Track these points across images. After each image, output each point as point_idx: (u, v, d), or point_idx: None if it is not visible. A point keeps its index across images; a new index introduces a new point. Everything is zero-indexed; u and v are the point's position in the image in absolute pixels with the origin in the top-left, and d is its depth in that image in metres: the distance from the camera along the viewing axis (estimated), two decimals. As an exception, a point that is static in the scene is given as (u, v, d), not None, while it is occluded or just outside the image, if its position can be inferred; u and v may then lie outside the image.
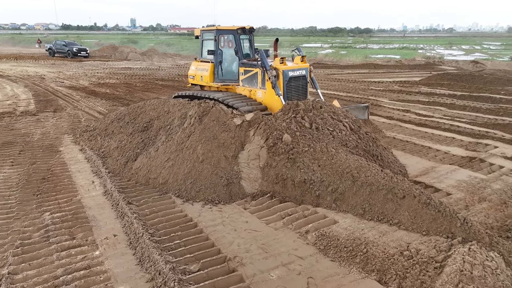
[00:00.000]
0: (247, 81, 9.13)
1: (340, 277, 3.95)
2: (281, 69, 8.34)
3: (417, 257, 4.03)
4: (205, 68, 9.81)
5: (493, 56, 42.06)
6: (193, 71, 10.31)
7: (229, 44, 9.67)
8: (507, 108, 12.29)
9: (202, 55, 10.15)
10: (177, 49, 53.06)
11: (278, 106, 8.16)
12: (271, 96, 8.50)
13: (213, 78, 9.75)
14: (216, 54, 9.49)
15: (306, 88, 8.95)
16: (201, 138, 6.41)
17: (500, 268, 3.79)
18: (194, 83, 10.48)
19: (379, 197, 5.09)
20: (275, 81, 8.25)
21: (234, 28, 9.38)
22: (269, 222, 5.08)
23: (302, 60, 8.93)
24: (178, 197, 5.84)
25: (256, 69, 8.76)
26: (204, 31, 10.06)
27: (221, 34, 9.51)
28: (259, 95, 8.85)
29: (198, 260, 4.18)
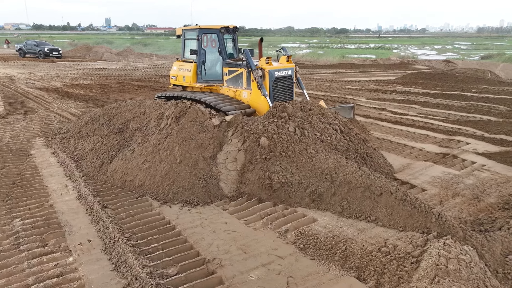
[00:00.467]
0: (232, 81, 8.89)
1: (320, 275, 3.96)
2: (267, 69, 8.14)
3: (395, 253, 4.08)
4: (188, 68, 9.57)
5: (464, 56, 43.48)
6: (175, 72, 10.02)
7: (213, 43, 9.44)
8: (478, 106, 12.70)
9: (184, 55, 9.90)
10: (153, 49, 52.31)
11: (265, 107, 8.04)
12: (257, 97, 8.30)
13: (196, 78, 9.52)
14: (199, 54, 9.26)
15: (292, 88, 8.80)
16: (179, 139, 6.31)
17: (474, 261, 3.88)
18: (176, 84, 10.21)
19: (357, 194, 5.14)
20: (261, 82, 8.07)
21: (218, 27, 9.14)
22: (248, 222, 5.04)
23: (288, 60, 8.76)
24: (156, 200, 5.72)
25: (241, 69, 8.54)
26: (186, 30, 9.80)
27: (204, 33, 9.27)
28: (244, 95, 8.64)
29: (177, 263, 4.09)
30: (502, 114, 11.40)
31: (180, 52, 10.11)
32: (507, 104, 12.90)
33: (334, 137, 6.44)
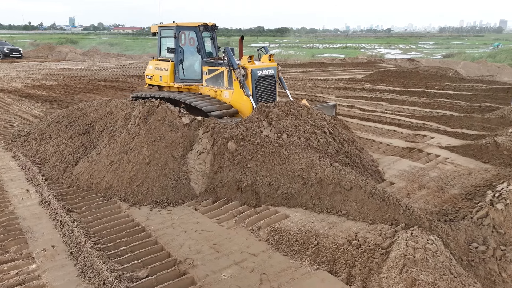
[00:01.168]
0: (212, 81, 8.60)
1: (293, 271, 3.97)
2: (250, 68, 7.86)
3: (365, 245, 4.15)
4: (165, 68, 9.20)
5: (427, 55, 45.20)
6: (151, 71, 9.63)
7: (191, 41, 9.13)
8: (441, 102, 13.20)
9: (160, 54, 9.53)
10: (121, 49, 51.01)
11: (248, 107, 7.84)
12: (239, 97, 8.05)
13: (174, 78, 9.16)
14: (176, 53, 8.92)
15: (275, 88, 8.55)
16: (147, 138, 6.16)
17: (440, 250, 4.01)
18: (152, 84, 9.82)
19: (327, 191, 5.19)
20: (244, 81, 7.78)
21: (196, 24, 8.83)
22: (220, 221, 4.99)
23: (270, 59, 8.52)
24: (124, 202, 5.56)
25: (222, 68, 8.24)
26: (162, 27, 9.42)
27: (181, 31, 8.94)
28: (225, 95, 8.34)
29: (147, 266, 3.98)
30: (463, 110, 11.91)
31: (156, 51, 9.75)
32: (468, 100, 13.49)
33: (323, 141, 6.30)
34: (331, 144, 6.36)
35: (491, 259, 4.18)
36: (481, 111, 11.56)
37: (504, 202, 4.83)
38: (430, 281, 3.57)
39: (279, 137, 6.02)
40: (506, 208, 4.76)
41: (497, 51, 43.16)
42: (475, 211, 4.85)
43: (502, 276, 4.08)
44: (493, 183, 5.95)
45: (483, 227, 4.56)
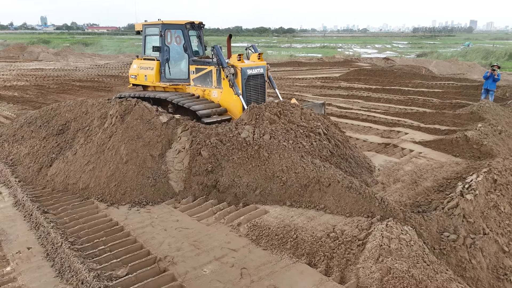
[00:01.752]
0: (200, 80, 8.33)
1: (273, 264, 4.03)
2: (239, 66, 7.64)
3: (342, 237, 4.26)
4: (150, 67, 8.86)
5: (402, 54, 46.34)
6: (135, 70, 9.28)
7: (177, 40, 8.86)
8: (414, 99, 13.59)
9: (145, 52, 9.21)
10: (96, 49, 49.92)
11: (237, 106, 7.64)
12: (228, 96, 7.80)
13: (160, 77, 8.84)
14: (162, 51, 8.61)
15: (265, 87, 8.33)
16: (124, 138, 6.09)
17: (413, 240, 4.16)
18: (136, 83, 9.45)
19: (307, 188, 5.26)
20: (234, 80, 7.57)
21: (182, 22, 8.56)
22: (200, 218, 5.00)
23: (259, 58, 8.30)
24: (102, 202, 5.48)
25: (210, 67, 8.00)
26: (147, 25, 9.07)
27: (167, 29, 8.65)
28: (214, 95, 8.09)
29: (126, 264, 3.96)
30: (436, 106, 12.31)
31: (141, 50, 9.42)
32: (440, 97, 13.94)
33: (317, 144, 6.16)
34: (325, 147, 6.27)
35: (462, 247, 4.37)
36: (452, 107, 11.97)
37: (473, 193, 5.04)
38: (405, 269, 3.71)
39: (260, 139, 5.94)
40: (475, 198, 4.97)
41: (467, 50, 44.70)
42: (446, 202, 5.04)
43: (472, 263, 4.27)
44: (463, 175, 6.19)
45: (453, 217, 4.75)
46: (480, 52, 40.39)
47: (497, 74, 11.97)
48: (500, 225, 4.81)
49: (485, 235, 4.54)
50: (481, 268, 4.29)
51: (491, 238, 4.54)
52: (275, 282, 3.74)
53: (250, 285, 3.70)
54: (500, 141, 7.85)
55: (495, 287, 4.20)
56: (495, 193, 5.21)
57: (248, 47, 8.86)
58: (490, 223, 4.76)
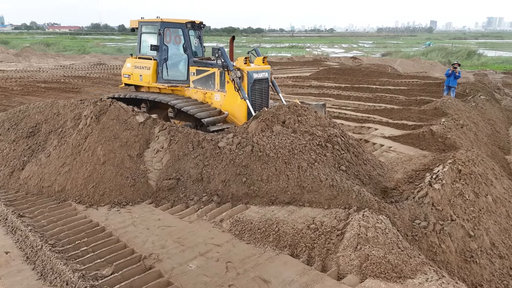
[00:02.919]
0: (201, 82, 7.99)
1: (257, 257, 4.15)
2: (246, 70, 7.35)
3: (322, 228, 4.44)
4: (147, 66, 8.43)
5: (368, 53, 47.77)
6: (129, 70, 8.82)
7: (177, 39, 8.52)
8: (382, 96, 14.13)
9: (140, 51, 8.81)
10: (58, 49, 48.13)
11: (242, 111, 7.36)
12: (233, 100, 7.48)
13: (156, 78, 8.43)
14: (160, 50, 8.19)
15: (268, 92, 8.11)
16: (101, 138, 6.02)
17: (388, 228, 4.40)
18: (129, 83, 9.02)
19: (286, 195, 5.32)
20: (240, 84, 7.28)
21: (183, 21, 8.22)
22: (183, 216, 5.04)
23: (264, 62, 8.01)
24: (80, 203, 5.40)
25: (213, 69, 7.68)
26: (143, 23, 8.65)
27: (166, 28, 8.25)
28: (216, 98, 7.75)
29: (111, 264, 3.95)
30: (402, 103, 12.87)
31: (136, 48, 9.02)
32: (406, 94, 14.56)
33: (330, 155, 5.80)
34: (343, 158, 5.94)
35: (432, 233, 4.67)
36: (418, 103, 12.56)
37: (441, 183, 5.38)
38: (381, 256, 3.93)
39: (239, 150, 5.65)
40: (442, 187, 5.30)
41: (429, 50, 46.71)
42: (416, 192, 5.34)
43: (442, 247, 4.58)
44: (430, 167, 6.56)
45: (423, 205, 5.05)
46: (440, 51, 42.35)
47: (458, 72, 12.67)
48: (465, 211, 5.16)
49: (452, 221, 4.86)
50: (450, 252, 4.61)
51: (458, 224, 4.87)
52: (260, 274, 3.86)
53: (236, 278, 3.80)
54: (462, 134, 8.36)
55: (462, 269, 4.52)
56: (460, 182, 5.57)
57: (250, 50, 8.54)
58: (456, 210, 5.09)
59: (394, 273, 3.81)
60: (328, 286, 3.68)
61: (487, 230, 5.04)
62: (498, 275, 4.62)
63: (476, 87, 14.28)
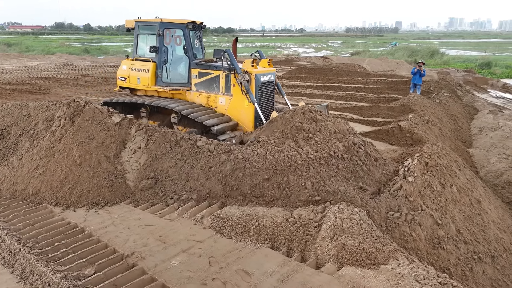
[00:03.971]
0: (204, 85, 7.65)
1: (238, 251, 4.27)
2: (254, 72, 7.06)
3: (300, 221, 4.61)
4: (145, 69, 7.99)
5: (337, 52, 48.83)
6: (125, 72, 8.32)
7: (177, 40, 8.19)
8: (353, 94, 14.58)
9: (137, 52, 8.37)
10: (20, 49, 46.22)
11: (249, 115, 7.12)
12: (239, 104, 7.20)
13: (156, 80, 8.05)
14: (160, 52, 7.82)
15: (274, 95, 7.87)
16: (76, 139, 5.94)
17: (362, 219, 4.62)
18: (125, 86, 8.55)
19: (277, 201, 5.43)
20: (248, 87, 6.97)
21: (184, 22, 7.87)
22: (163, 215, 5.08)
23: (269, 64, 7.73)
24: (56, 206, 5.33)
25: (218, 72, 7.37)
26: (141, 23, 8.19)
27: (166, 28, 7.88)
28: (221, 102, 7.43)
29: (92, 263, 3.96)
30: (372, 100, 13.33)
31: (133, 49, 8.52)
32: (375, 92, 15.08)
33: (343, 166, 5.50)
34: (364, 164, 5.71)
35: (404, 223, 4.94)
36: (386, 101, 13.06)
37: (413, 175, 5.68)
38: (357, 245, 4.15)
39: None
40: (414, 180, 5.60)
41: (395, 49, 48.35)
42: (392, 185, 5.61)
43: (412, 235, 4.86)
44: (400, 160, 6.89)
45: (398, 197, 5.31)
46: (406, 50, 43.95)
47: (423, 70, 13.27)
48: (434, 201, 5.48)
49: (422, 211, 5.15)
50: (420, 239, 4.90)
51: (427, 213, 5.17)
52: (242, 266, 3.98)
53: (220, 271, 3.90)
54: (428, 129, 8.81)
55: (431, 254, 4.81)
56: (427, 174, 5.90)
57: (253, 52, 8.14)
58: (425, 201, 5.40)
59: (368, 260, 4.03)
60: (307, 275, 3.85)
61: (453, 218, 5.38)
62: (463, 259, 4.95)
63: (440, 85, 14.99)
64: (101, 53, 42.89)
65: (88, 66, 26.10)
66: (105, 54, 42.61)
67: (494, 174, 7.99)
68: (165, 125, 7.10)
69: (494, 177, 7.91)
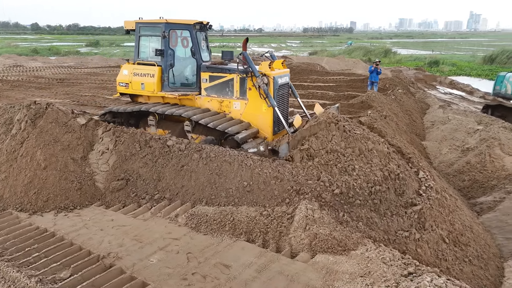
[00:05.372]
0: (216, 89, 7.19)
1: (215, 246, 4.37)
2: (272, 75, 6.67)
3: (273, 214, 4.79)
4: (150, 73, 7.37)
5: (296, 52, 49.81)
6: (126, 77, 7.65)
7: (184, 42, 7.67)
8: (314, 93, 15.04)
9: (139, 56, 7.70)
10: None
11: (267, 119, 6.78)
12: (256, 109, 6.81)
13: (162, 85, 7.47)
14: (166, 55, 7.26)
15: (288, 97, 7.53)
16: (39, 142, 5.76)
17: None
18: (127, 93, 7.89)
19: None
20: (268, 90, 6.57)
21: (191, 22, 7.35)
22: (136, 215, 5.07)
23: (283, 65, 7.40)
24: (22, 211, 5.15)
25: (231, 75, 6.96)
26: (142, 24, 7.57)
27: (172, 29, 7.32)
28: (236, 107, 7.01)
29: (68, 266, 3.90)
30: (332, 98, 13.84)
31: (134, 53, 7.81)
32: (334, 90, 15.65)
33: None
34: (385, 201, 5.24)
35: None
36: (346, 98, 13.61)
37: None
38: (327, 233, 4.39)
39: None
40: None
41: (351, 48, 50.13)
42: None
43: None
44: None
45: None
46: (361, 50, 45.72)
47: (380, 68, 13.97)
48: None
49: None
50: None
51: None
52: (220, 260, 4.09)
53: (198, 266, 3.99)
54: (386, 124, 9.33)
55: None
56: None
57: (264, 53, 7.61)
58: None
59: (339, 247, 4.29)
60: (283, 264, 4.03)
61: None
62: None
63: (394, 82, 15.85)
64: (52, 54, 40.87)
65: (40, 67, 24.85)
66: (56, 54, 40.67)
67: (446, 164, 8.64)
68: (177, 134, 6.92)
69: (446, 166, 8.55)
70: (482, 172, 7.66)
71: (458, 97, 17.91)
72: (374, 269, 3.83)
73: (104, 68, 25.12)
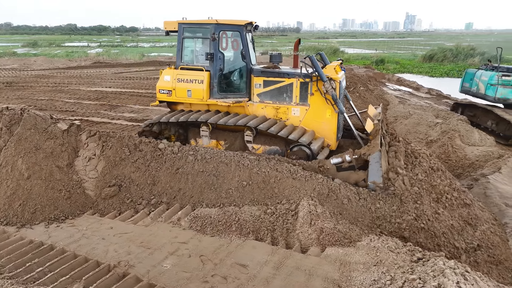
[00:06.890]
0: (271, 95, 6.74)
1: (226, 247, 4.38)
2: (338, 79, 6.29)
3: (278, 212, 4.89)
4: (198, 79, 6.78)
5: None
6: (168, 84, 6.99)
7: (234, 44, 7.13)
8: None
9: (182, 60, 7.09)
10: None
11: (331, 126, 6.48)
12: (319, 115, 6.47)
13: (211, 92, 6.91)
14: (215, 59, 6.71)
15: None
16: (19, 151, 5.38)
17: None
18: (166, 101, 7.25)
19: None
20: (336, 96, 6.21)
21: (242, 23, 6.80)
22: (136, 221, 4.92)
23: (341, 67, 7.06)
24: (8, 225, 4.80)
25: (291, 80, 6.54)
26: (187, 25, 6.95)
27: (222, 31, 6.76)
28: (295, 113, 6.62)
29: (79, 279, 3.72)
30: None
31: (176, 56, 7.18)
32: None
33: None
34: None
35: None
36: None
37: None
38: (332, 227, 4.58)
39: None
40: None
41: (301, 48, 51.40)
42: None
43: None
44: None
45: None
46: (311, 49, 47.10)
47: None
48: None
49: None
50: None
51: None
52: (235, 260, 4.12)
53: (215, 268, 3.99)
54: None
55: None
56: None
57: (314, 55, 6.60)
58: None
59: (346, 239, 4.50)
60: (298, 259, 4.15)
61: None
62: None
63: (354, 80, 16.56)
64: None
65: (13, 69, 22.81)
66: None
67: (413, 156, 9.24)
68: (236, 145, 6.65)
69: (413, 158, 9.16)
70: (447, 162, 8.32)
71: (407, 93, 19.11)
72: (384, 258, 4.07)
73: (53, 70, 23.58)
